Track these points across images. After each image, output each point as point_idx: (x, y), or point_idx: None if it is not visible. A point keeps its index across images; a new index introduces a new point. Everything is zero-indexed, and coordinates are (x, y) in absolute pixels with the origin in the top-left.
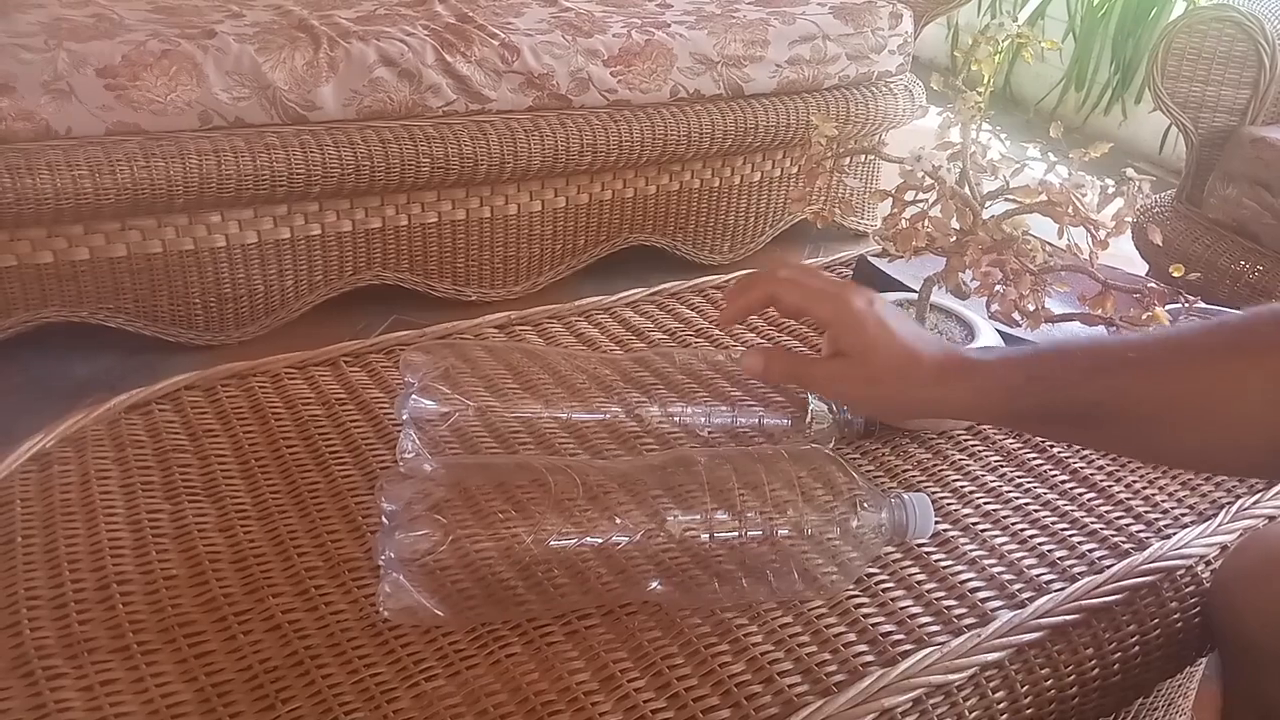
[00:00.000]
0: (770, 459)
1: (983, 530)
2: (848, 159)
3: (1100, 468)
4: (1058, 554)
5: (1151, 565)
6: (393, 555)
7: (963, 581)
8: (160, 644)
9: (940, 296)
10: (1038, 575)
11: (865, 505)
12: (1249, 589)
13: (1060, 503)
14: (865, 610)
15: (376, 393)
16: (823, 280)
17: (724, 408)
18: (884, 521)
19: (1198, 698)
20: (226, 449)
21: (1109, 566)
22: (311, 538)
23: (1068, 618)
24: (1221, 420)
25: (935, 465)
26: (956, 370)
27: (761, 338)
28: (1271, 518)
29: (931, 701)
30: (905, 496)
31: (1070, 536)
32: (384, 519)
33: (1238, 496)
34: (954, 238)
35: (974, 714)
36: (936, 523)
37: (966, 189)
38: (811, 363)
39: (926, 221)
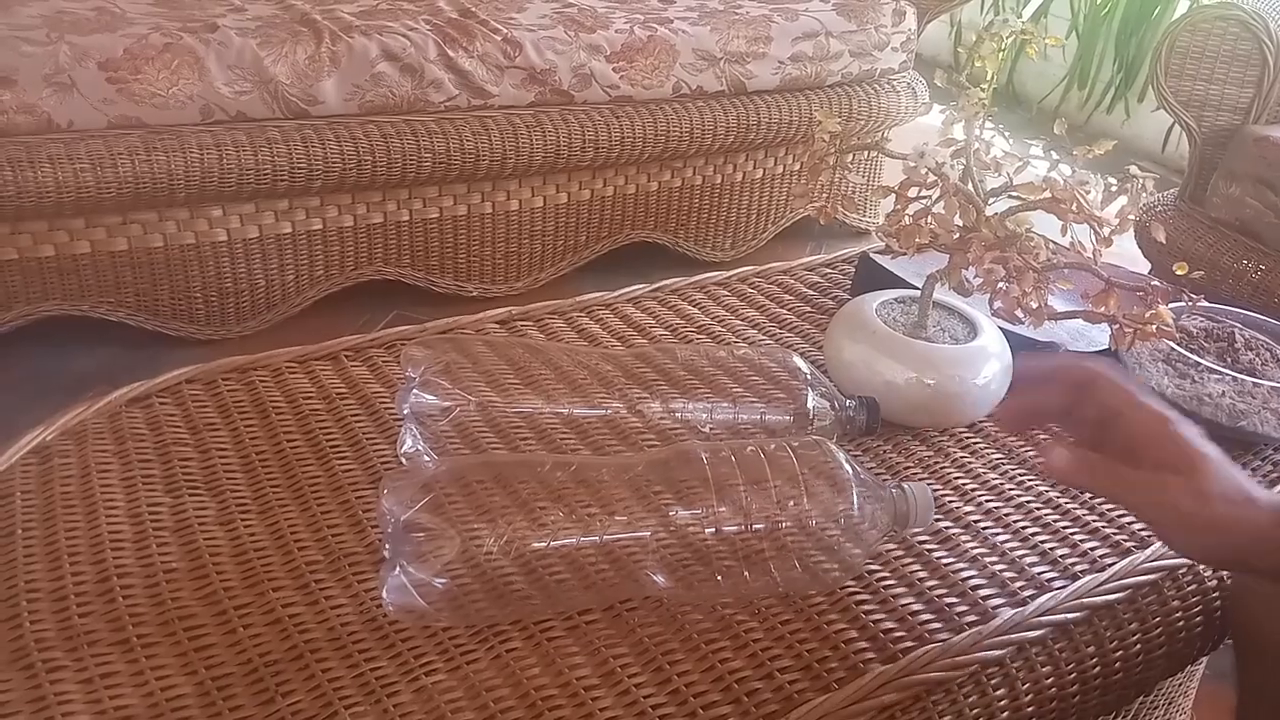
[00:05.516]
0: (772, 451)
1: (984, 527)
2: (851, 156)
3: None
4: (1059, 551)
5: (1154, 564)
6: (397, 553)
7: (964, 579)
8: (160, 637)
9: (943, 294)
10: (1039, 573)
11: (866, 496)
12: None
13: (1062, 500)
14: (867, 607)
15: (377, 387)
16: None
17: (726, 404)
18: (885, 511)
19: (1198, 696)
20: (227, 443)
21: (1111, 564)
22: (312, 532)
23: (1070, 615)
24: None
25: (937, 462)
26: None
27: (762, 334)
28: None
29: (932, 699)
30: (906, 486)
31: (1072, 534)
32: (387, 516)
33: None
34: (957, 235)
35: (975, 711)
36: (938, 519)
37: (970, 186)
38: (1128, 471)
39: (929, 218)
